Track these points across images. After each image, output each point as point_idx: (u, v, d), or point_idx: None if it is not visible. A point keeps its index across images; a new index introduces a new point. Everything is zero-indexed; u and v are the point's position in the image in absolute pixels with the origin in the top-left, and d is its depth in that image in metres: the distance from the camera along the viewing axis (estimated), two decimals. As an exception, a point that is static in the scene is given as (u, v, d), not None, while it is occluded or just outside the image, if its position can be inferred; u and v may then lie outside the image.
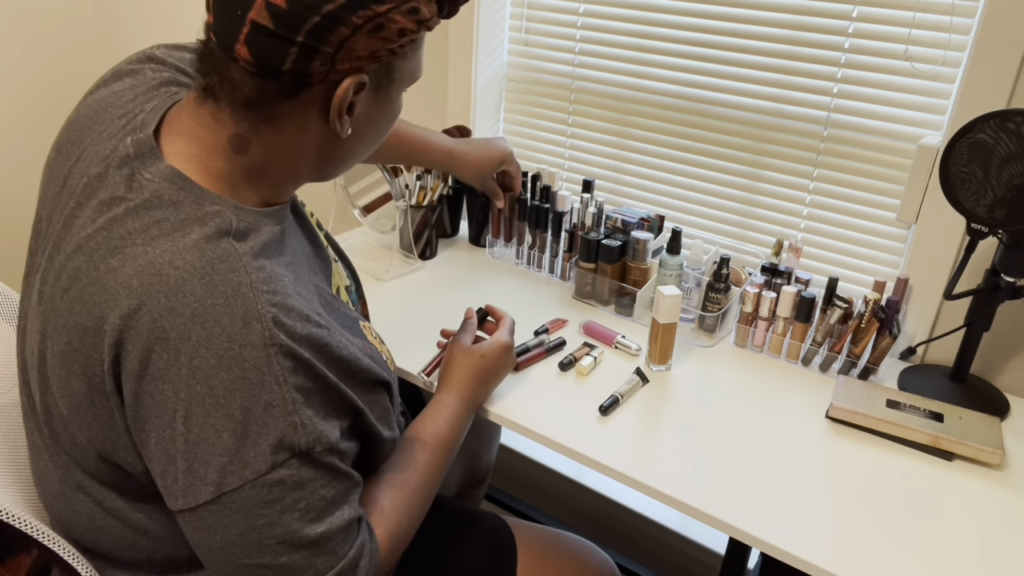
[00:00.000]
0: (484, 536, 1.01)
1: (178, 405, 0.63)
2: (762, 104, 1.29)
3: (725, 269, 1.20)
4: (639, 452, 0.95)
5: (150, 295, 0.62)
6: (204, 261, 0.64)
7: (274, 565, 0.66)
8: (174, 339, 0.62)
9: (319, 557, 0.68)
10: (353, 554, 0.70)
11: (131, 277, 0.63)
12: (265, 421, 0.63)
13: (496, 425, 1.41)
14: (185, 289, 0.62)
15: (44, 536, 0.73)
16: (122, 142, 0.70)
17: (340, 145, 0.73)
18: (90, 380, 0.66)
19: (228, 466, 0.63)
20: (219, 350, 0.62)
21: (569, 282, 1.38)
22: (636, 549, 1.72)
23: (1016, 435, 1.05)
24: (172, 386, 0.62)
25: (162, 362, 0.62)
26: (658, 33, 1.37)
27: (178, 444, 0.64)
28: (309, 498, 0.67)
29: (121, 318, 0.63)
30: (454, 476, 1.34)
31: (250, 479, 0.64)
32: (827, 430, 1.02)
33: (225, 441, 0.63)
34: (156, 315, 0.62)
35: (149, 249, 0.64)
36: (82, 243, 0.67)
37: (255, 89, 0.66)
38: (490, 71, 1.57)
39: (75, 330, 0.66)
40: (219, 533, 0.65)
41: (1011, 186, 0.94)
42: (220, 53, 0.65)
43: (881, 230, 1.24)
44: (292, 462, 0.65)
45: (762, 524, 0.85)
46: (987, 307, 1.06)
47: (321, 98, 0.67)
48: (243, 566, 0.66)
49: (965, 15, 1.09)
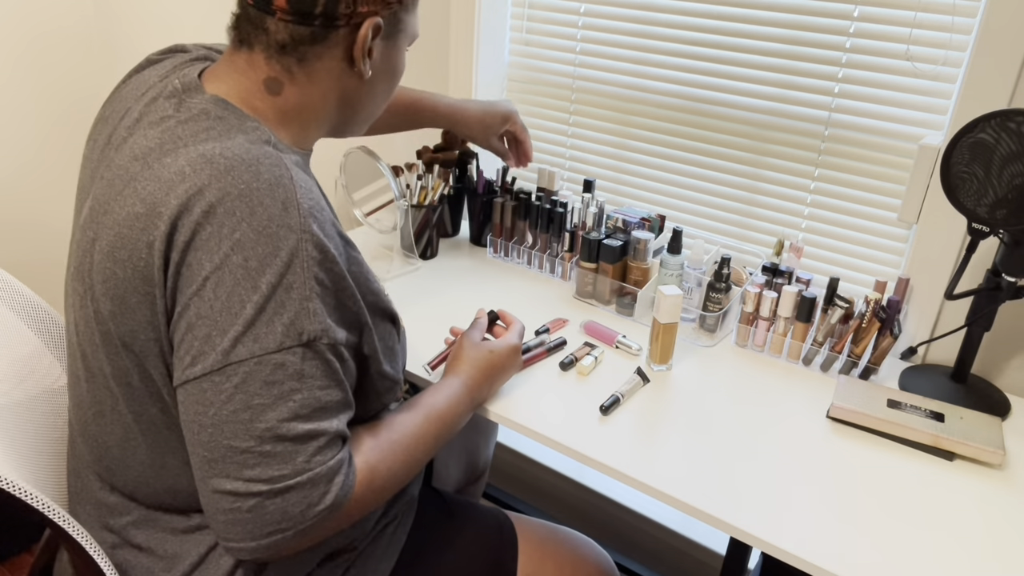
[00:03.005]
0: (485, 528, 1.02)
1: (212, 273, 0.68)
2: (763, 104, 1.29)
3: (726, 269, 1.20)
4: (640, 451, 0.95)
5: (202, 177, 0.69)
6: (250, 155, 0.71)
7: (257, 452, 0.68)
8: (220, 214, 0.68)
9: (300, 456, 0.69)
10: (332, 464, 0.71)
11: (184, 166, 0.70)
12: (283, 301, 0.68)
13: (494, 424, 1.41)
14: (234, 173, 0.69)
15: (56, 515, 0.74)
16: (169, 83, 0.79)
17: (360, 90, 0.83)
18: (135, 265, 0.70)
19: (241, 337, 0.67)
20: (259, 226, 0.68)
21: (570, 282, 1.38)
22: (636, 549, 1.72)
23: (1017, 435, 1.05)
24: (210, 255, 0.68)
25: (206, 234, 0.68)
26: (659, 33, 1.37)
27: (203, 310, 0.68)
28: (305, 394, 0.69)
29: (176, 199, 0.69)
30: (453, 473, 1.35)
31: (258, 354, 0.67)
32: (828, 430, 1.02)
33: (246, 312, 0.67)
34: (207, 194, 0.68)
35: (200, 146, 0.71)
36: (136, 154, 0.74)
37: (289, 35, 0.75)
38: (491, 71, 1.57)
39: (127, 220, 0.71)
40: (214, 408, 0.68)
41: (1012, 186, 0.94)
42: (256, 12, 0.76)
43: (882, 230, 1.24)
44: (297, 350, 0.69)
45: (763, 524, 0.85)
46: (988, 307, 1.06)
47: (345, 41, 0.77)
48: (227, 447, 0.68)
49: (966, 15, 1.09)
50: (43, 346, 1.00)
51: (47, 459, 0.92)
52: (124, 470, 0.81)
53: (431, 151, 1.48)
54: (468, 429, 1.36)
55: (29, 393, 0.95)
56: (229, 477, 0.68)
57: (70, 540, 0.75)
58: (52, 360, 1.00)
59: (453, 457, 1.35)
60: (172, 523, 0.82)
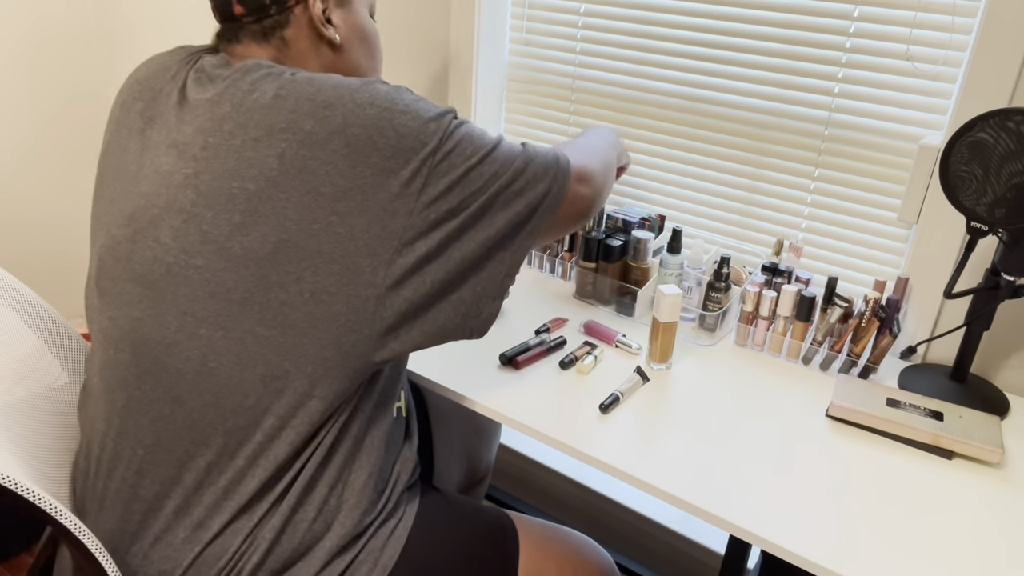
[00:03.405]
0: (487, 528, 1.02)
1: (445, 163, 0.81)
2: (763, 104, 1.30)
3: (726, 268, 1.20)
4: (639, 450, 0.96)
5: (335, 93, 0.77)
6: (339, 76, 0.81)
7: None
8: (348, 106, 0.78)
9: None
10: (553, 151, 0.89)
11: (305, 89, 0.78)
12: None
13: (496, 424, 1.41)
14: (354, 80, 0.80)
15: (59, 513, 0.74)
16: (199, 60, 0.87)
17: (342, 59, 0.91)
18: (267, 175, 0.76)
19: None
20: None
21: (570, 281, 1.39)
22: (636, 548, 1.72)
23: (1016, 434, 1.05)
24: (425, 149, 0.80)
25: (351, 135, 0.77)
26: (659, 33, 1.37)
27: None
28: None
29: (303, 115, 0.77)
30: (453, 475, 1.34)
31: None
32: (827, 429, 1.03)
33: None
34: (361, 97, 0.78)
35: (285, 76, 0.79)
36: (213, 101, 0.80)
37: (261, 28, 0.86)
38: (491, 71, 1.57)
39: (246, 145, 0.77)
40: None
41: (1011, 185, 0.94)
42: (227, 24, 0.86)
43: (882, 230, 1.24)
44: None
45: (762, 522, 0.85)
46: (987, 306, 1.07)
47: (305, 17, 0.86)
48: None
49: (966, 15, 1.09)
50: (43, 345, 1.00)
51: (50, 457, 0.92)
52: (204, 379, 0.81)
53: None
54: (469, 432, 1.36)
55: (30, 392, 0.95)
56: None
57: (73, 539, 0.75)
58: (52, 359, 1.00)
59: (454, 459, 1.35)
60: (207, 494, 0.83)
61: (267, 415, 0.81)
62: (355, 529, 0.88)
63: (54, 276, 1.89)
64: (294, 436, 0.81)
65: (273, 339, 0.78)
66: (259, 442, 0.81)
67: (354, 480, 0.87)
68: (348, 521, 0.87)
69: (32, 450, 0.89)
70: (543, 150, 0.90)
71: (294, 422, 0.81)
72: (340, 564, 0.87)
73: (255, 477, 0.82)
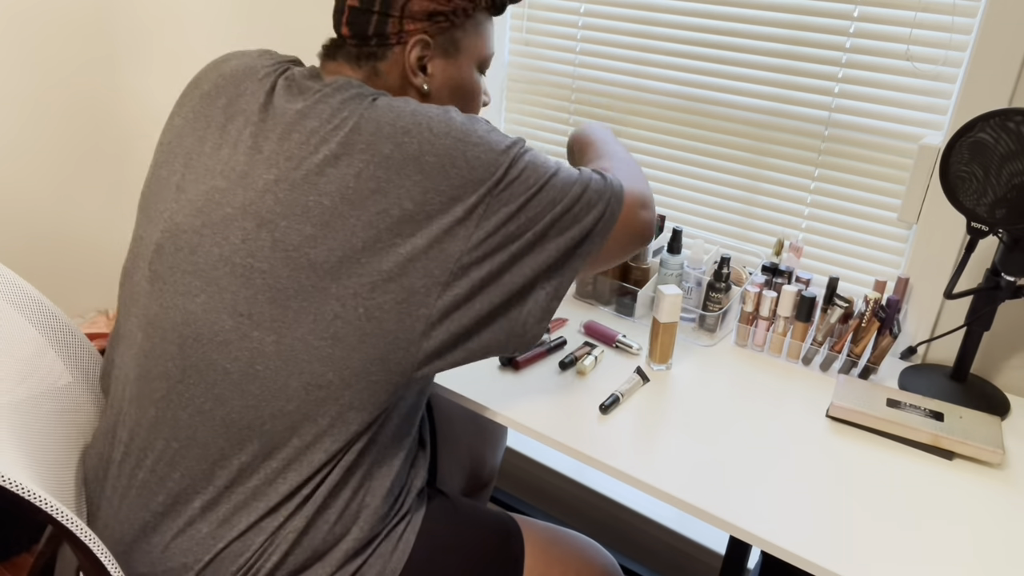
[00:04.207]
0: (492, 532, 1.02)
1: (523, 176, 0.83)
2: (763, 104, 1.30)
3: (726, 269, 1.20)
4: (640, 450, 0.96)
5: (413, 120, 0.81)
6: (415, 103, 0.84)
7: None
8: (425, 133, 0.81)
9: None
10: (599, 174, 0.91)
11: (392, 112, 0.81)
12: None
13: (502, 429, 1.41)
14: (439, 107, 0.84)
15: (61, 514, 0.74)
16: (289, 71, 0.90)
17: (428, 102, 0.93)
18: (345, 192, 0.78)
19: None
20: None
21: (570, 281, 1.39)
22: (636, 548, 1.72)
23: (1016, 434, 1.05)
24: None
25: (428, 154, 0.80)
26: (659, 33, 1.37)
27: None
28: None
29: (384, 135, 0.80)
30: (456, 478, 1.34)
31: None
32: (827, 429, 1.03)
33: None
34: (410, 128, 0.81)
35: (371, 98, 0.83)
36: (301, 112, 0.83)
37: (358, 53, 0.90)
38: (491, 71, 1.57)
39: (328, 160, 0.79)
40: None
41: (1011, 185, 0.94)
42: (332, 40, 0.92)
43: (882, 230, 1.24)
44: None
45: (762, 522, 0.86)
46: (987, 306, 1.07)
47: (401, 59, 0.90)
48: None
49: (966, 15, 1.09)
50: (45, 344, 1.00)
51: (53, 457, 0.92)
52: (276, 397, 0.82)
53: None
54: (473, 436, 1.36)
55: (32, 391, 0.95)
56: None
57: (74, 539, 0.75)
58: (54, 358, 1.01)
59: (456, 463, 1.35)
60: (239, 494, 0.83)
61: (306, 422, 0.81)
62: (371, 532, 0.88)
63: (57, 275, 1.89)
64: (329, 444, 0.82)
65: (322, 350, 0.79)
66: (296, 447, 0.82)
67: (377, 486, 0.88)
68: (366, 525, 0.87)
69: (35, 450, 0.89)
70: (596, 176, 0.90)
71: (332, 431, 0.82)
72: (352, 567, 0.87)
73: (287, 481, 0.82)
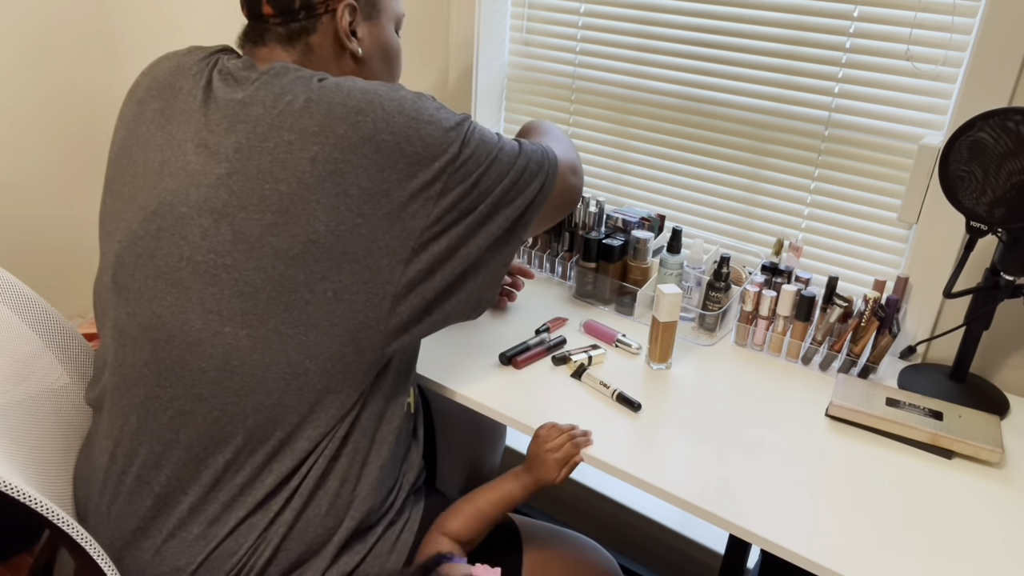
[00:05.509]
0: (490, 532, 1.02)
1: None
2: (763, 104, 1.30)
3: (725, 268, 1.20)
4: (639, 449, 0.96)
5: (365, 99, 0.80)
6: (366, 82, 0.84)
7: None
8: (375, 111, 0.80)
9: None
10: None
11: (334, 94, 0.80)
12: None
13: (501, 428, 1.41)
14: (368, 93, 0.81)
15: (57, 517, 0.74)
16: (221, 62, 0.88)
17: (364, 71, 0.94)
18: (300, 178, 0.78)
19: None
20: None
21: (570, 281, 1.39)
22: (636, 548, 1.72)
23: (1015, 433, 1.05)
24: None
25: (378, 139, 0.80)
26: (659, 33, 1.37)
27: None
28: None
29: (337, 119, 0.79)
30: (456, 478, 1.34)
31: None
32: (827, 428, 1.03)
33: None
34: (363, 109, 0.80)
35: (315, 82, 0.81)
36: (244, 102, 0.82)
37: (287, 31, 0.88)
38: (491, 71, 1.57)
39: (280, 148, 0.79)
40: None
41: (1010, 184, 0.94)
42: (255, 23, 0.89)
43: (882, 230, 1.24)
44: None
45: (762, 522, 0.86)
46: (986, 305, 1.07)
47: (331, 26, 0.89)
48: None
49: (966, 15, 1.09)
50: (43, 345, 1.00)
51: (51, 458, 0.92)
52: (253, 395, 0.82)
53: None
54: (472, 436, 1.36)
55: (30, 392, 0.95)
56: None
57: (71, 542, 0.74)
58: (52, 359, 1.00)
59: (456, 462, 1.35)
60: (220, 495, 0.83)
61: (287, 413, 0.82)
62: (365, 523, 0.88)
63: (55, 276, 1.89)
64: (312, 431, 0.83)
65: (296, 337, 0.80)
66: (279, 439, 0.82)
67: (366, 473, 0.88)
68: (358, 514, 0.87)
69: (33, 451, 0.89)
70: (533, 147, 0.94)
71: (312, 418, 0.82)
72: (347, 561, 0.87)
73: (272, 472, 0.83)
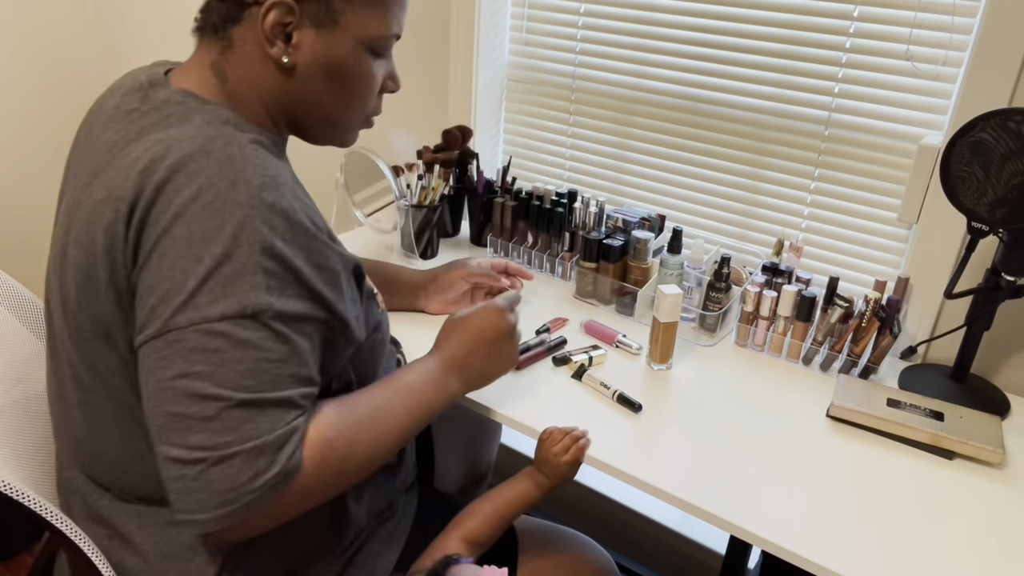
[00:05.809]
0: None
1: (155, 245, 0.69)
2: (763, 104, 1.30)
3: (726, 268, 1.20)
4: (639, 449, 0.96)
5: (155, 161, 0.70)
6: (203, 135, 0.72)
7: (199, 417, 0.66)
8: (169, 191, 0.69)
9: (246, 424, 0.67)
10: (281, 433, 0.69)
11: (142, 152, 0.71)
12: (228, 274, 0.68)
13: (497, 425, 1.41)
14: (186, 156, 0.70)
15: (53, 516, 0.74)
16: (135, 79, 0.81)
17: (295, 86, 0.80)
18: (95, 250, 0.72)
19: (183, 306, 0.67)
20: (205, 202, 0.68)
21: (570, 281, 1.39)
22: (636, 549, 1.72)
23: (1016, 434, 1.05)
24: (157, 229, 0.69)
25: (155, 211, 0.69)
26: (659, 33, 1.37)
27: (149, 280, 0.69)
28: (250, 364, 0.68)
29: (132, 182, 0.70)
30: (454, 476, 1.34)
31: (196, 321, 0.67)
32: (828, 429, 1.02)
33: (189, 283, 0.67)
34: (158, 177, 0.69)
35: (158, 133, 0.73)
36: (103, 147, 0.75)
37: (217, 15, 0.78)
38: (491, 71, 1.57)
39: (93, 208, 0.72)
40: (156, 374, 0.68)
41: (1011, 185, 0.94)
42: (199, 18, 0.80)
43: (882, 230, 1.24)
44: (241, 321, 0.68)
45: (763, 522, 0.85)
46: (987, 306, 1.07)
47: (259, 23, 0.76)
48: (169, 414, 0.67)
49: (966, 15, 1.09)
50: (41, 346, 1.00)
51: (47, 459, 0.92)
52: (99, 460, 0.82)
53: (431, 151, 1.48)
54: (470, 432, 1.36)
55: (27, 394, 0.95)
56: (174, 444, 0.67)
57: (67, 541, 0.75)
58: (52, 360, 1.00)
59: (454, 460, 1.35)
60: (156, 516, 0.81)
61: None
62: (349, 528, 0.88)
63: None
64: None
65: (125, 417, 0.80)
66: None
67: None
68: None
69: (30, 452, 0.89)
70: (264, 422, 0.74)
71: None
72: (338, 561, 0.87)
73: None
